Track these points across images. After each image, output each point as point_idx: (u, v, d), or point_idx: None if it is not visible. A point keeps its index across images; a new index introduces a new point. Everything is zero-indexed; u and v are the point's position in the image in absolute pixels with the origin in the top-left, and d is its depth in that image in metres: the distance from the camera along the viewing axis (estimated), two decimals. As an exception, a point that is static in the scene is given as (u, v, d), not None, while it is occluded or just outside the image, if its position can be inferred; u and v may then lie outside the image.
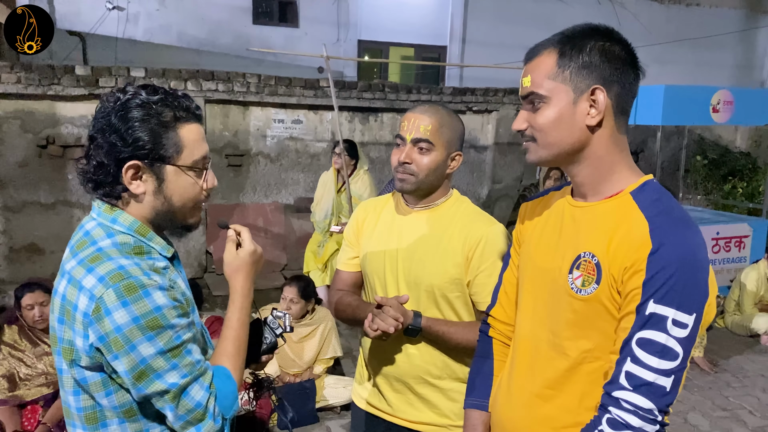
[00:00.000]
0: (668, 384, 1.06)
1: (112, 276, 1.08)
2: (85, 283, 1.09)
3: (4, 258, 5.44)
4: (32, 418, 3.23)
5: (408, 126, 1.71)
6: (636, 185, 1.18)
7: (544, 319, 1.27)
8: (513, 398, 1.35)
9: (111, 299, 1.06)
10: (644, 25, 9.93)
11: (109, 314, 1.05)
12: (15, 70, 5.13)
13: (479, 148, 7.16)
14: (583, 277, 1.17)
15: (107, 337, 1.06)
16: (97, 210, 1.22)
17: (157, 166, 1.18)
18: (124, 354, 1.06)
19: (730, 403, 4.04)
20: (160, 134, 1.17)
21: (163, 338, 1.08)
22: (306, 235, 5.82)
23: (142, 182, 1.18)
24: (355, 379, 2.00)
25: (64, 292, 1.12)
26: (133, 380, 1.08)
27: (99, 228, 1.18)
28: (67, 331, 1.11)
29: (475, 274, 1.71)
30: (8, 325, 3.34)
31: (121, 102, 1.16)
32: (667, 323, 1.05)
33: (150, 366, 1.07)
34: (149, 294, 1.08)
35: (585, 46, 1.15)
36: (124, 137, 1.15)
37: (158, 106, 1.17)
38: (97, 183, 1.19)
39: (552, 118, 1.17)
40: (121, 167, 1.16)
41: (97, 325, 1.06)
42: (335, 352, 3.83)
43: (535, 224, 1.37)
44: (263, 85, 5.97)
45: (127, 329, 1.05)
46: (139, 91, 1.19)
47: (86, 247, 1.15)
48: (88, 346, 1.08)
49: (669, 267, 1.05)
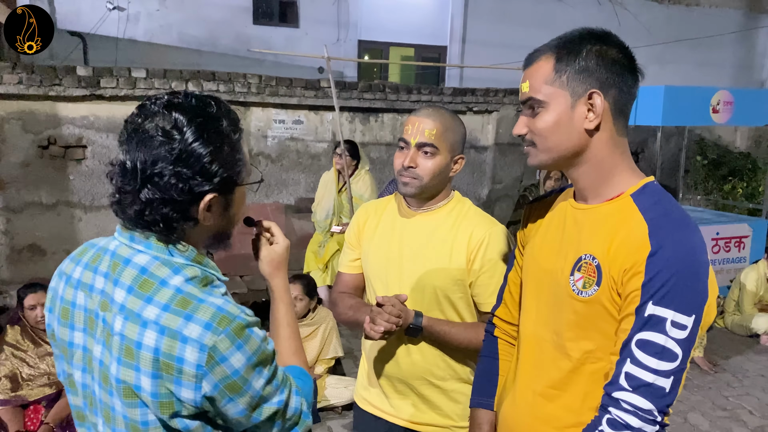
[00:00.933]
0: (667, 385, 1.07)
1: (218, 321, 0.99)
2: (188, 334, 0.97)
3: (6, 258, 5.45)
4: (35, 418, 3.24)
5: (412, 130, 1.71)
6: (636, 187, 1.19)
7: (547, 320, 1.29)
8: (517, 398, 1.36)
9: (225, 346, 0.98)
10: (644, 25, 9.95)
11: (226, 360, 0.98)
12: (17, 70, 5.14)
13: (479, 149, 7.17)
14: (584, 279, 1.18)
15: (221, 384, 0.99)
16: (144, 242, 1.06)
17: (230, 192, 1.09)
18: (242, 395, 1.02)
19: (729, 402, 4.06)
20: (234, 159, 1.06)
21: (267, 368, 1.05)
22: (306, 235, 5.83)
23: (211, 213, 1.07)
24: (357, 380, 2.01)
25: (157, 345, 0.98)
26: (248, 413, 1.04)
27: (159, 264, 1.04)
28: (165, 386, 1.00)
29: (477, 275, 1.72)
30: (11, 325, 3.35)
31: (184, 128, 1.00)
32: (666, 325, 1.06)
33: (263, 397, 1.05)
34: (253, 330, 1.03)
35: (581, 50, 1.16)
36: (204, 170, 1.01)
37: (224, 126, 1.04)
38: (158, 218, 1.03)
39: (550, 122, 1.18)
40: (197, 202, 1.03)
41: (212, 375, 0.98)
42: (336, 352, 3.84)
43: (539, 226, 1.38)
44: (264, 85, 5.98)
45: (243, 371, 1.01)
46: (189, 105, 1.03)
47: (156, 288, 1.01)
48: (200, 398, 1.00)
49: (668, 269, 1.06)
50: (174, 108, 1.02)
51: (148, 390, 1.00)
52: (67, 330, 1.11)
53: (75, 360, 1.12)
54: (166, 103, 1.03)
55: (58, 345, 1.14)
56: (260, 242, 1.31)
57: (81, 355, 1.10)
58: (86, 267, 1.11)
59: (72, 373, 1.13)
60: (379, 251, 1.83)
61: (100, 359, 1.06)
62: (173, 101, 1.04)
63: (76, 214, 5.58)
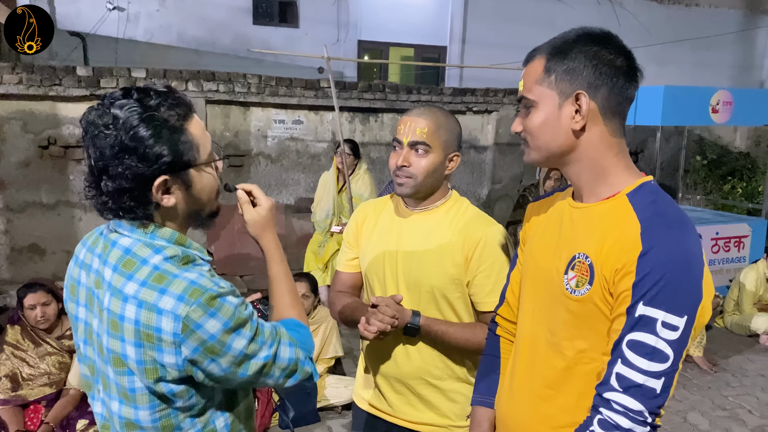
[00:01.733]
0: (658, 386, 1.06)
1: (190, 293, 1.08)
2: (163, 306, 1.08)
3: (6, 258, 5.45)
4: (35, 417, 3.24)
5: (404, 129, 1.71)
6: (633, 187, 1.19)
7: (543, 318, 1.29)
8: (515, 396, 1.37)
9: (198, 315, 1.08)
10: (643, 25, 9.94)
11: (200, 327, 1.08)
12: (17, 71, 5.14)
13: (479, 149, 7.18)
14: (577, 277, 1.19)
15: (201, 347, 1.09)
16: (128, 227, 1.17)
17: (182, 173, 1.16)
18: (222, 356, 1.11)
19: (729, 402, 4.06)
20: (176, 141, 1.13)
21: (247, 329, 1.13)
22: (306, 235, 5.83)
23: (171, 195, 1.16)
24: (356, 379, 2.01)
25: (137, 317, 1.09)
26: (234, 370, 1.13)
27: (141, 245, 1.15)
28: (149, 353, 1.10)
29: (474, 275, 1.72)
30: (11, 325, 3.36)
31: (122, 120, 1.09)
32: (657, 325, 1.05)
33: (246, 355, 1.13)
34: (226, 299, 1.11)
35: (569, 51, 1.17)
36: (144, 156, 1.09)
37: (161, 112, 1.12)
38: (121, 208, 1.14)
39: (539, 122, 1.20)
40: (149, 187, 1.12)
41: (189, 341, 1.08)
42: (336, 351, 3.85)
43: (538, 224, 1.39)
44: (264, 85, 5.99)
45: (220, 335, 1.09)
46: (128, 101, 1.11)
47: (137, 267, 1.12)
48: (181, 361, 1.10)
49: (659, 269, 1.05)
50: (113, 104, 1.11)
51: (133, 358, 1.11)
52: (74, 305, 1.26)
53: (80, 333, 1.25)
54: (109, 102, 1.12)
55: (70, 319, 1.29)
56: (243, 207, 1.36)
57: (83, 329, 1.24)
58: (89, 249, 1.24)
59: (80, 345, 1.27)
60: (376, 250, 1.83)
61: (97, 332, 1.19)
62: (115, 98, 1.12)
63: (76, 214, 5.58)
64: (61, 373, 3.33)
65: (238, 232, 6.05)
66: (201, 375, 1.13)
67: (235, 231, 5.91)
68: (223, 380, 1.15)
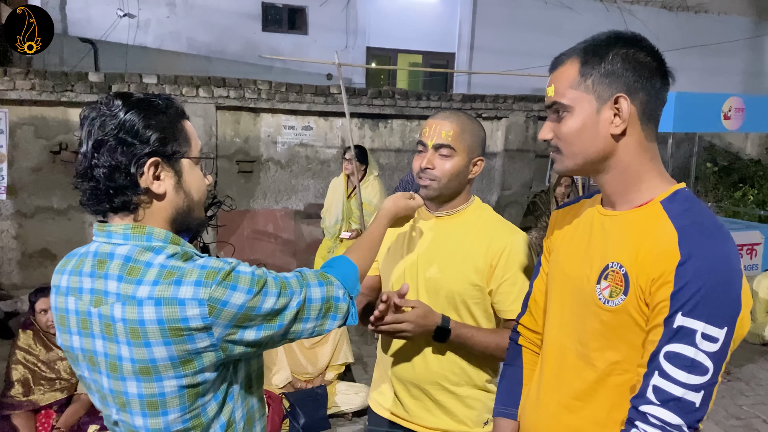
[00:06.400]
0: (698, 399, 1.03)
1: (206, 275, 1.09)
2: (183, 295, 1.07)
3: (17, 263, 5.48)
4: (46, 423, 3.24)
5: (429, 132, 1.71)
6: (667, 194, 1.16)
7: (572, 329, 1.26)
8: (541, 408, 1.34)
9: (220, 293, 1.08)
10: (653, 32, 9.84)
11: (227, 303, 1.09)
12: (30, 76, 5.18)
13: (488, 155, 7.17)
14: (611, 287, 1.15)
15: (233, 321, 1.10)
16: (121, 234, 1.15)
17: (174, 161, 1.18)
18: (254, 319, 1.13)
19: (743, 411, 4.01)
20: (170, 128, 1.17)
21: (271, 286, 1.15)
22: (315, 241, 5.83)
23: (162, 181, 1.17)
24: (372, 383, 2.00)
25: (158, 316, 1.07)
26: (270, 325, 1.15)
27: (140, 250, 1.13)
28: (181, 348, 1.09)
29: (499, 283, 1.71)
30: (23, 329, 3.36)
31: (120, 107, 1.14)
32: (696, 337, 1.02)
33: (277, 310, 1.15)
34: (239, 270, 1.13)
35: (607, 54, 1.14)
36: (140, 133, 1.12)
37: (158, 105, 1.17)
38: (112, 191, 1.13)
39: (575, 127, 1.16)
40: (141, 167, 1.13)
41: (220, 320, 1.09)
42: (347, 358, 3.83)
43: (565, 232, 1.36)
44: (274, 91, 6.01)
45: (248, 303, 1.11)
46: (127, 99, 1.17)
47: (144, 271, 1.10)
48: (216, 340, 1.10)
49: (698, 279, 1.02)
50: (114, 98, 1.17)
51: (165, 356, 1.09)
52: (66, 336, 1.20)
53: (80, 361, 1.21)
54: (108, 98, 1.17)
55: (65, 351, 1.23)
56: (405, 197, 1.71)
57: (82, 357, 1.19)
58: (71, 273, 1.19)
59: (82, 374, 1.22)
60: (396, 253, 1.83)
61: (104, 352, 1.14)
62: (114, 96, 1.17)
63: (87, 219, 5.60)
64: (72, 378, 3.33)
65: (248, 237, 6.06)
66: (240, 348, 1.14)
67: (245, 236, 5.92)
68: (264, 341, 1.16)
